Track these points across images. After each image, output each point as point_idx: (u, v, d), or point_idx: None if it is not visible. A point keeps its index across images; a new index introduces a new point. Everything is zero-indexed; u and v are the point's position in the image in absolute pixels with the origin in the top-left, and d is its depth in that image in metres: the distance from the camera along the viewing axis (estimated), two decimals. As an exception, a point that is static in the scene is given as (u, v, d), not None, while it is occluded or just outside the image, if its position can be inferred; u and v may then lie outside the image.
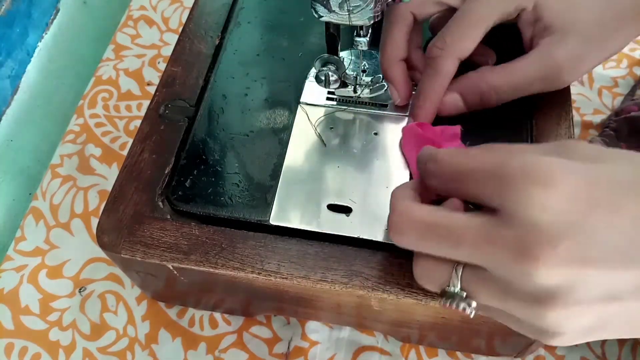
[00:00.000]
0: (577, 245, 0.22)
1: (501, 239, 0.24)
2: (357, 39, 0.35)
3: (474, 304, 0.26)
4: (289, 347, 0.41)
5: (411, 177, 0.35)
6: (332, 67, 0.36)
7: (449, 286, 0.26)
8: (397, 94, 0.37)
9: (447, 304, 0.26)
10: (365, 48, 0.35)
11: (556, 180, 0.23)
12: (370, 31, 0.35)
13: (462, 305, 0.26)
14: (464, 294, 0.26)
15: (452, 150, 0.28)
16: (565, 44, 0.34)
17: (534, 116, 0.37)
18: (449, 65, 0.35)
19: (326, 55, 0.36)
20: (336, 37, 0.35)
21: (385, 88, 0.38)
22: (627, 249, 0.23)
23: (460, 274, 0.26)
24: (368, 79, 0.38)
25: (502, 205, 0.24)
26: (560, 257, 0.22)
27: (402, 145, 0.36)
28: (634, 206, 0.23)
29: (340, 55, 0.36)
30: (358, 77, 0.38)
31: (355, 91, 0.38)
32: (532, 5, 0.35)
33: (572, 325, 0.24)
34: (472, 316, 0.26)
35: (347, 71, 0.37)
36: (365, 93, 0.38)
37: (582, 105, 0.51)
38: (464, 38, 0.35)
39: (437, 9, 0.37)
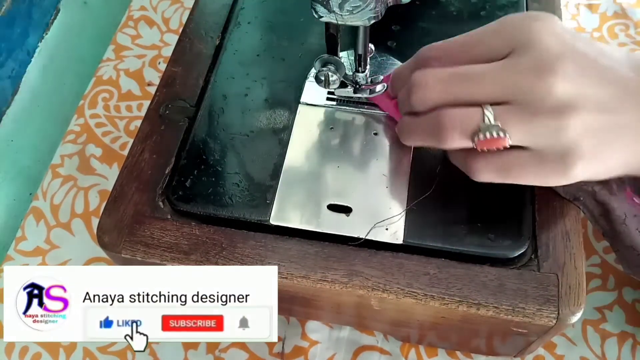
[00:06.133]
0: (578, 63, 0.28)
1: (521, 66, 0.28)
2: (357, 74, 0.36)
3: (507, 133, 0.28)
4: (282, 348, 0.41)
5: (411, 177, 0.35)
6: (332, 68, 0.36)
7: (483, 121, 0.28)
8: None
9: (485, 135, 0.28)
10: (363, 83, 0.36)
11: (551, 17, 0.29)
12: (368, 66, 0.36)
13: (500, 133, 0.28)
14: (499, 123, 0.28)
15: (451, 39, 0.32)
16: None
17: None
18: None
19: (326, 55, 0.36)
20: (336, 38, 0.35)
21: (385, 89, 0.38)
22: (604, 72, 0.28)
23: (490, 109, 0.28)
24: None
25: (515, 43, 0.28)
26: (571, 70, 0.27)
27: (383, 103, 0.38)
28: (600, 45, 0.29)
29: (340, 56, 0.36)
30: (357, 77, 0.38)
31: (355, 91, 0.38)
32: None
33: (588, 137, 0.28)
34: (508, 145, 0.28)
35: (346, 72, 0.37)
36: (364, 93, 0.38)
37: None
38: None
39: None
